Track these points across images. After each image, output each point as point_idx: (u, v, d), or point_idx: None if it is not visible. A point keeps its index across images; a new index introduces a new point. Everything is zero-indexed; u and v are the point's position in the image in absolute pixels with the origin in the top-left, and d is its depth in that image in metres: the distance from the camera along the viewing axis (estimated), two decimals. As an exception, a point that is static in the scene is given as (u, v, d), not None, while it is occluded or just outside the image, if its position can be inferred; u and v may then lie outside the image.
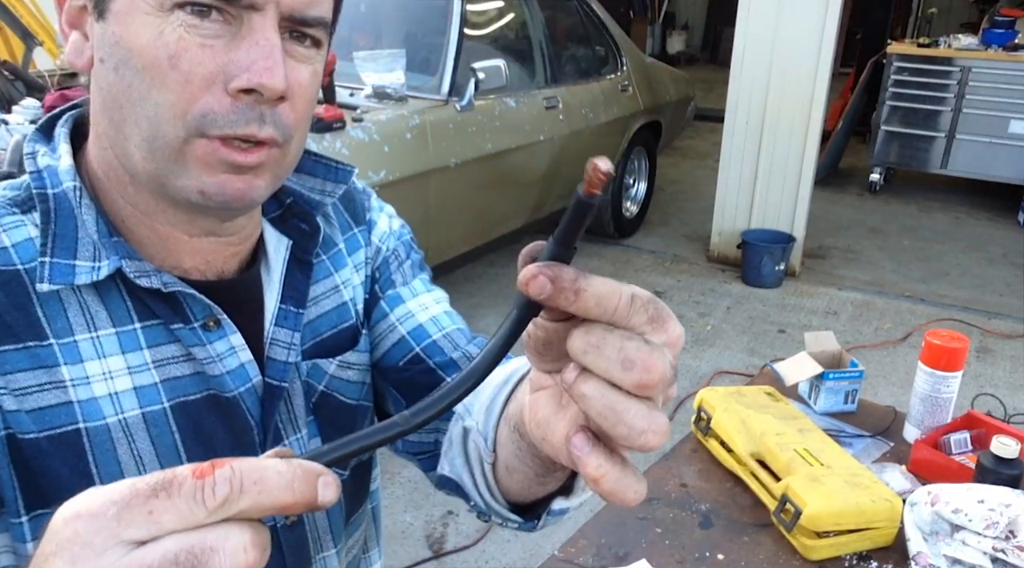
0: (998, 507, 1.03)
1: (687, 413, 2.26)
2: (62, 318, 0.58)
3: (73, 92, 2.84)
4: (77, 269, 0.58)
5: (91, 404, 0.58)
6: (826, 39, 4.11)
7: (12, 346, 0.56)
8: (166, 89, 0.54)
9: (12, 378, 0.56)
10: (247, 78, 0.53)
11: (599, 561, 1.10)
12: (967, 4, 10.24)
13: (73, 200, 0.59)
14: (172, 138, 0.55)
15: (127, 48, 0.54)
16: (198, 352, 0.62)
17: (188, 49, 0.53)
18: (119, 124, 0.57)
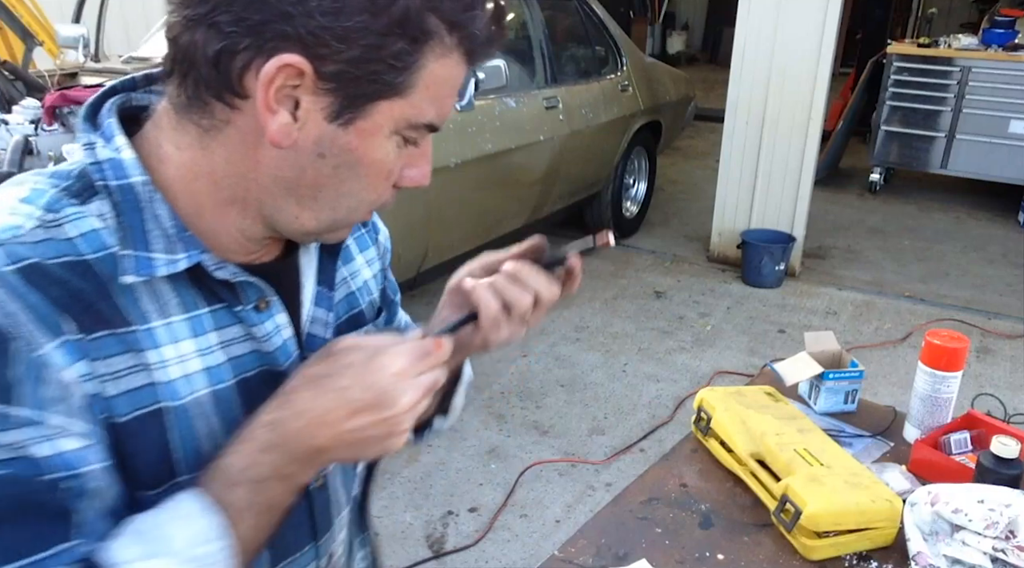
0: (998, 507, 1.03)
1: (687, 413, 2.26)
2: (138, 307, 0.62)
3: (73, 92, 2.84)
4: (155, 262, 0.62)
5: (169, 386, 0.63)
6: (826, 39, 4.11)
7: (106, 331, 0.60)
8: (375, 192, 0.67)
9: (108, 362, 0.60)
10: (420, 181, 0.69)
11: (599, 561, 1.10)
12: (967, 4, 10.23)
13: (143, 194, 0.62)
14: (353, 220, 0.69)
15: (358, 158, 0.63)
16: (257, 331, 0.69)
17: (395, 163, 0.66)
18: (304, 200, 0.65)
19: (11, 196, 0.61)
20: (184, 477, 0.64)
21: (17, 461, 0.55)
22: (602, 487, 2.67)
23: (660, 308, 4.11)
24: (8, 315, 0.55)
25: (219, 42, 0.58)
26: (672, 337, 3.79)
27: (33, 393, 0.55)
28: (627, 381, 3.37)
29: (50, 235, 0.59)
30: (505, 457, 2.80)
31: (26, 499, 0.55)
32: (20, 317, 0.55)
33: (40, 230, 0.59)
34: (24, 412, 0.55)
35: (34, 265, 0.57)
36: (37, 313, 0.56)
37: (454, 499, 2.58)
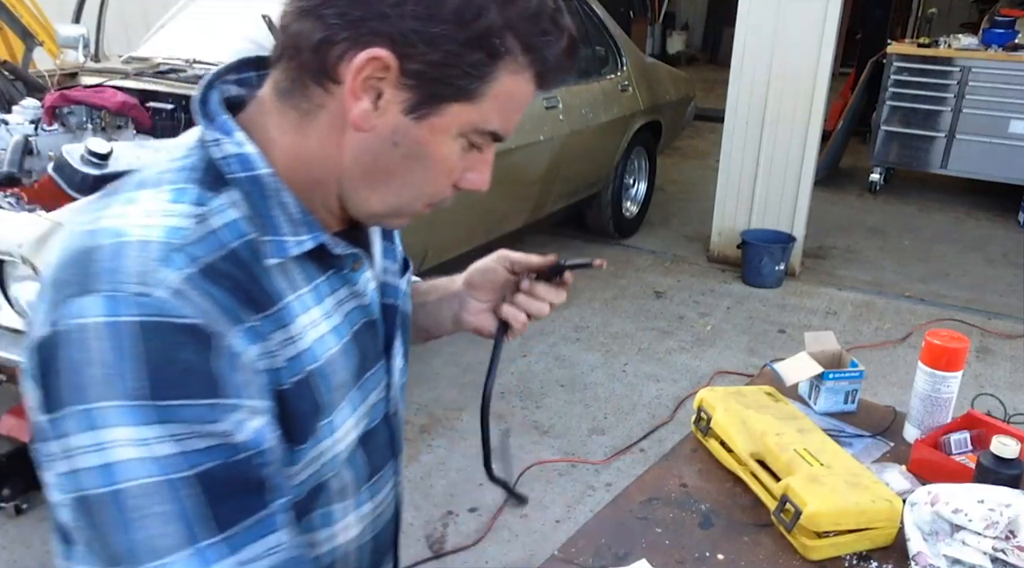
0: (998, 507, 1.03)
1: (687, 413, 2.26)
2: (275, 286, 0.69)
3: (73, 92, 2.84)
4: (287, 244, 0.70)
5: (310, 351, 0.72)
6: (826, 39, 4.11)
7: (263, 314, 0.67)
8: (436, 185, 0.73)
9: (270, 340, 0.67)
10: (479, 186, 0.75)
11: (599, 561, 1.10)
12: (967, 4, 10.23)
13: (269, 184, 0.69)
14: (414, 208, 0.75)
15: (426, 152, 0.70)
16: (358, 288, 0.79)
17: (458, 162, 0.73)
18: (376, 183, 0.72)
19: (157, 199, 0.67)
20: (326, 439, 0.75)
21: (227, 447, 0.62)
22: (602, 487, 2.67)
23: (660, 308, 4.11)
24: (204, 313, 0.62)
25: (322, 32, 0.65)
26: (672, 337, 3.79)
27: (233, 381, 0.63)
28: (627, 381, 3.37)
29: (206, 230, 0.66)
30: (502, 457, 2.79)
31: (236, 478, 0.63)
32: (211, 313, 0.62)
33: (199, 227, 0.66)
34: (230, 401, 0.62)
35: (210, 264, 0.64)
36: (222, 307, 0.63)
37: (454, 499, 2.58)
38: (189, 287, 0.61)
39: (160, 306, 0.60)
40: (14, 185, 2.46)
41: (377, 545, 0.91)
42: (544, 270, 0.93)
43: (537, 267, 0.93)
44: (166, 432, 0.59)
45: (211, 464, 0.61)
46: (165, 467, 0.59)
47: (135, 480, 0.59)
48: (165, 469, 0.59)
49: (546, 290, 0.93)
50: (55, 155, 2.53)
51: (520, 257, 0.94)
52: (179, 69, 3.20)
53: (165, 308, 0.60)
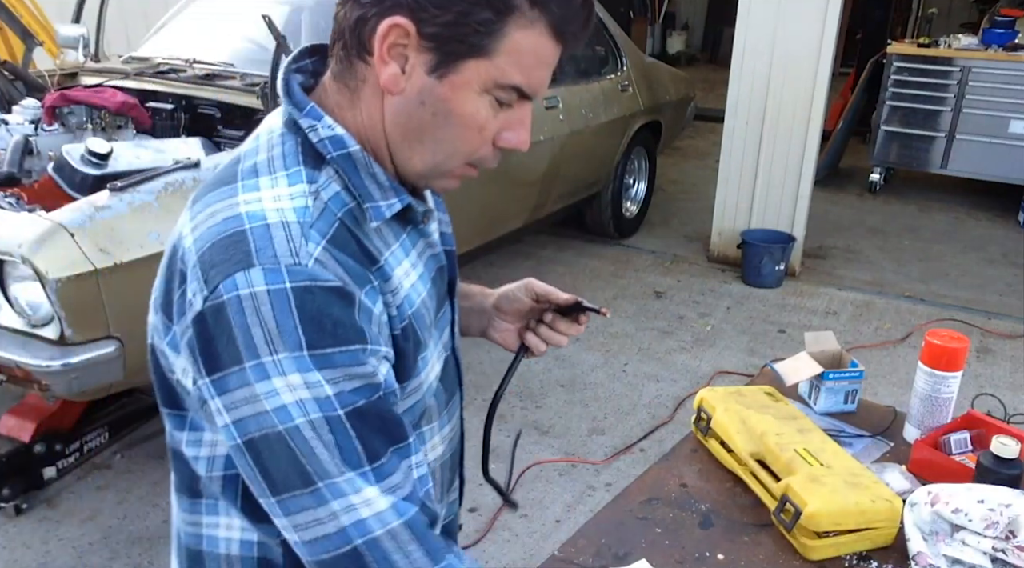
0: (998, 507, 1.03)
1: (687, 413, 2.26)
2: (375, 244, 0.78)
3: (73, 92, 2.84)
4: (381, 208, 0.78)
5: (408, 298, 0.81)
6: (826, 39, 4.11)
7: (375, 271, 0.77)
8: (467, 142, 0.78)
9: (386, 293, 0.77)
10: (514, 144, 0.81)
11: (599, 561, 1.10)
12: (967, 4, 10.22)
13: (360, 159, 0.78)
14: (451, 166, 0.80)
15: (451, 109, 0.75)
16: (431, 240, 0.89)
17: (489, 120, 0.77)
18: (412, 143, 0.78)
19: (278, 184, 0.76)
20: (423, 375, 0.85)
21: (371, 387, 0.72)
22: (602, 487, 2.67)
23: (660, 308, 4.11)
24: (341, 276, 0.72)
25: (358, 11, 0.74)
26: (672, 337, 3.79)
27: (370, 331, 0.73)
28: (627, 381, 3.37)
29: (321, 206, 0.75)
30: (504, 456, 2.80)
31: (380, 414, 0.73)
32: (345, 277, 0.72)
33: (317, 203, 0.75)
34: (370, 346, 0.73)
35: (333, 236, 0.74)
36: (351, 270, 0.73)
37: (454, 499, 2.58)
38: (326, 256, 0.72)
39: (311, 273, 0.70)
40: (14, 185, 2.46)
41: (452, 463, 1.05)
42: (565, 306, 1.03)
43: (559, 302, 1.03)
44: (325, 377, 0.69)
45: (361, 402, 0.71)
46: (326, 406, 0.70)
47: (303, 418, 0.69)
48: (326, 408, 0.70)
49: (566, 326, 1.04)
50: (55, 155, 2.53)
51: (544, 291, 1.03)
52: (179, 69, 3.20)
53: (314, 274, 0.70)
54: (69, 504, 2.54)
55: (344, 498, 0.71)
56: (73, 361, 2.08)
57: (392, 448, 0.74)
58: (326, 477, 0.70)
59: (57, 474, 2.59)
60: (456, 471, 1.10)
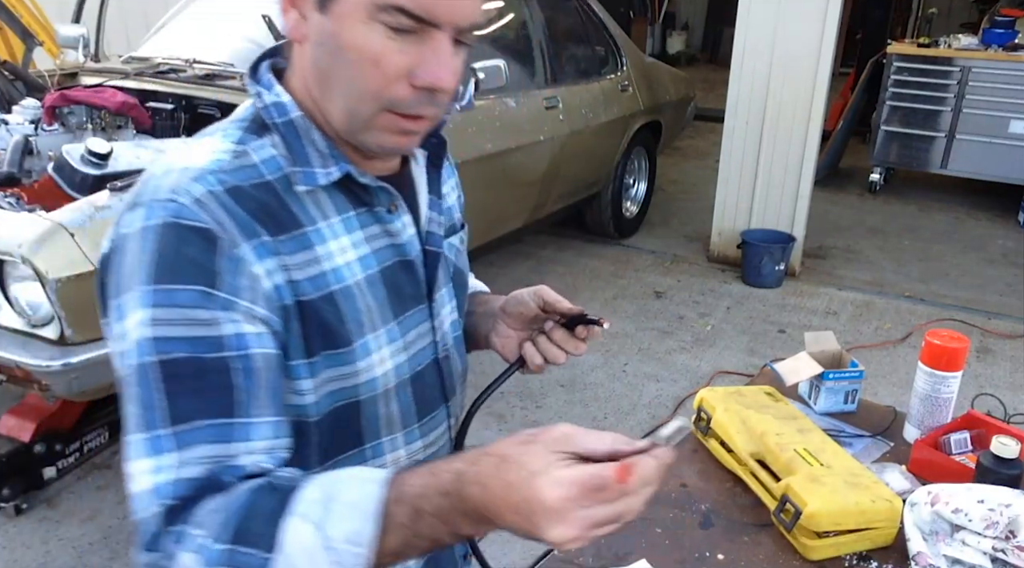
0: (998, 507, 1.03)
1: (687, 413, 2.26)
2: (307, 212, 0.78)
3: (73, 92, 2.84)
4: (317, 174, 0.78)
5: (337, 272, 0.79)
6: (826, 39, 4.11)
7: (287, 234, 0.76)
8: (367, 80, 0.74)
9: (294, 257, 0.76)
10: (430, 81, 0.74)
11: (599, 561, 1.10)
12: (967, 4, 10.22)
13: (301, 126, 0.79)
14: (366, 113, 0.76)
15: (341, 44, 0.73)
16: (391, 228, 0.85)
17: (387, 53, 0.72)
18: (326, 91, 0.77)
19: (210, 142, 0.78)
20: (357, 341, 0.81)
21: (206, 341, 0.69)
22: (602, 487, 2.67)
23: (660, 308, 4.11)
24: (218, 222, 0.71)
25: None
26: (672, 337, 3.79)
27: (231, 280, 0.71)
28: (627, 381, 3.37)
29: (242, 163, 0.76)
30: (505, 457, 2.79)
31: (214, 372, 0.69)
32: (227, 224, 0.71)
33: (236, 160, 0.76)
34: (223, 294, 0.70)
35: (235, 187, 0.74)
36: (238, 221, 0.72)
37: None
38: (211, 200, 0.72)
39: (179, 210, 0.70)
40: (14, 185, 2.46)
41: None
42: (569, 316, 0.96)
43: (564, 312, 0.96)
44: (157, 315, 0.68)
45: (181, 354, 0.68)
46: (144, 350, 0.68)
47: (132, 361, 0.69)
48: (144, 351, 0.68)
49: (564, 338, 0.96)
50: (55, 155, 2.53)
51: (552, 299, 0.97)
52: (179, 69, 3.20)
53: (183, 212, 0.70)
54: (69, 504, 2.54)
55: (128, 462, 0.69)
56: (73, 361, 2.08)
57: (210, 420, 0.68)
58: (128, 431, 0.69)
59: (57, 474, 2.59)
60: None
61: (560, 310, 0.96)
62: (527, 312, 0.98)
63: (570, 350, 0.96)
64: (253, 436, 0.70)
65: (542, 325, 0.98)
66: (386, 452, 0.88)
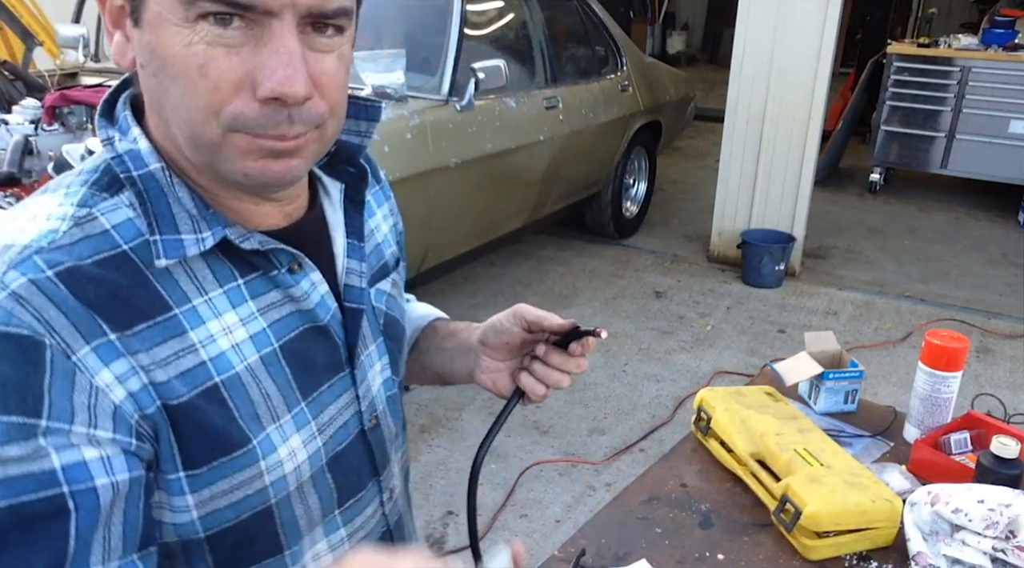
0: (998, 507, 1.03)
1: (687, 413, 2.26)
2: (177, 289, 0.63)
3: (73, 92, 2.84)
4: (184, 242, 0.63)
5: (220, 359, 0.64)
6: (826, 39, 4.11)
7: (146, 324, 0.61)
8: (198, 95, 0.58)
9: (154, 352, 0.61)
10: (271, 88, 0.57)
11: (599, 561, 1.10)
12: (967, 4, 10.23)
13: (163, 180, 0.63)
14: (211, 136, 0.60)
15: (160, 57, 0.59)
16: (294, 292, 0.70)
17: (215, 58, 0.57)
18: (166, 122, 0.62)
19: (48, 203, 0.62)
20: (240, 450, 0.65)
21: (28, 478, 0.54)
22: (602, 487, 2.67)
23: (660, 308, 4.11)
24: (44, 322, 0.56)
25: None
26: (672, 337, 3.79)
27: (61, 403, 0.55)
28: (627, 381, 3.37)
29: (85, 232, 0.61)
30: (505, 457, 2.80)
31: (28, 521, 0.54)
32: (57, 323, 0.56)
33: (76, 229, 0.60)
34: (46, 422, 0.55)
35: (70, 269, 0.58)
36: (74, 317, 0.57)
37: (454, 499, 2.58)
38: (33, 292, 0.56)
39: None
40: (14, 185, 2.46)
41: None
42: (561, 333, 0.84)
43: (553, 329, 0.83)
44: None
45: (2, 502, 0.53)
46: None
47: None
48: None
49: (562, 360, 0.84)
50: (55, 155, 2.53)
51: (536, 317, 0.83)
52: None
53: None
54: (69, 504, 2.54)
55: None
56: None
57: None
58: None
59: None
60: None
61: (548, 328, 0.83)
62: (512, 340, 0.85)
63: (571, 370, 0.84)
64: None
65: (532, 349, 0.86)
66: (303, 554, 0.74)
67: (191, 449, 0.63)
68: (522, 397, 0.87)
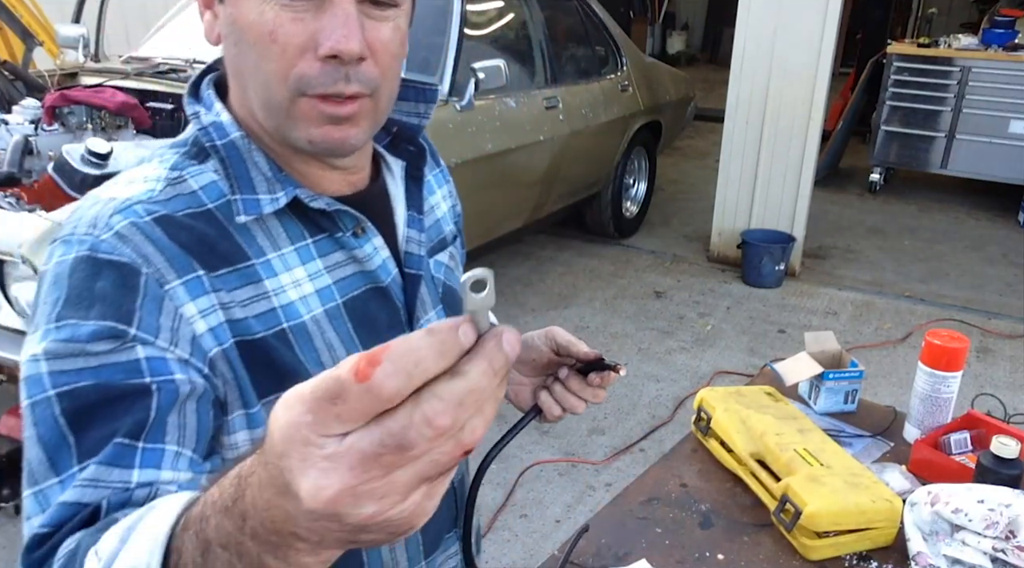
0: (998, 507, 1.03)
1: (687, 413, 2.26)
2: (254, 243, 0.71)
3: (73, 92, 2.84)
4: (261, 201, 0.71)
5: (289, 307, 0.72)
6: (826, 39, 4.11)
7: (227, 268, 0.69)
8: (269, 59, 0.67)
9: (234, 293, 0.69)
10: (328, 46, 0.65)
11: (599, 561, 1.10)
12: (967, 4, 10.22)
13: (242, 146, 0.72)
14: (281, 99, 0.68)
15: (240, 27, 0.67)
16: (358, 254, 0.77)
17: (283, 24, 0.65)
18: (244, 90, 0.71)
19: (144, 171, 0.72)
20: None
21: (115, 367, 0.61)
22: (602, 487, 2.67)
23: (660, 308, 4.11)
24: (143, 256, 0.65)
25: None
26: (672, 337, 3.79)
27: (151, 320, 0.63)
28: (627, 381, 3.37)
29: (177, 191, 0.70)
30: (505, 457, 2.80)
31: (111, 400, 0.60)
32: (153, 258, 0.65)
33: (169, 188, 0.70)
34: (134, 330, 0.62)
35: (166, 216, 0.68)
36: (168, 254, 0.66)
37: (454, 499, 2.58)
38: (134, 233, 0.65)
39: (95, 244, 0.64)
40: (14, 185, 2.46)
41: (429, 523, 0.85)
42: (585, 362, 0.89)
43: (579, 356, 0.89)
44: (58, 349, 0.61)
45: (85, 382, 0.60)
46: (38, 386, 0.61)
47: (30, 400, 0.61)
48: (42, 388, 0.60)
49: (581, 387, 0.89)
50: (55, 155, 2.53)
51: (566, 342, 0.90)
52: (179, 69, 3.20)
53: (100, 246, 0.64)
54: (69, 504, 2.54)
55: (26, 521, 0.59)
56: (73, 361, 2.08)
57: (113, 441, 0.59)
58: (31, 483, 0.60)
59: (57, 474, 2.58)
60: (446, 531, 0.93)
61: (575, 354, 0.89)
62: (540, 359, 0.91)
63: (588, 398, 0.89)
64: (163, 464, 0.60)
65: (556, 371, 0.91)
66: None
67: (260, 381, 0.69)
68: (539, 414, 0.91)
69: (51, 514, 0.57)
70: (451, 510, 0.94)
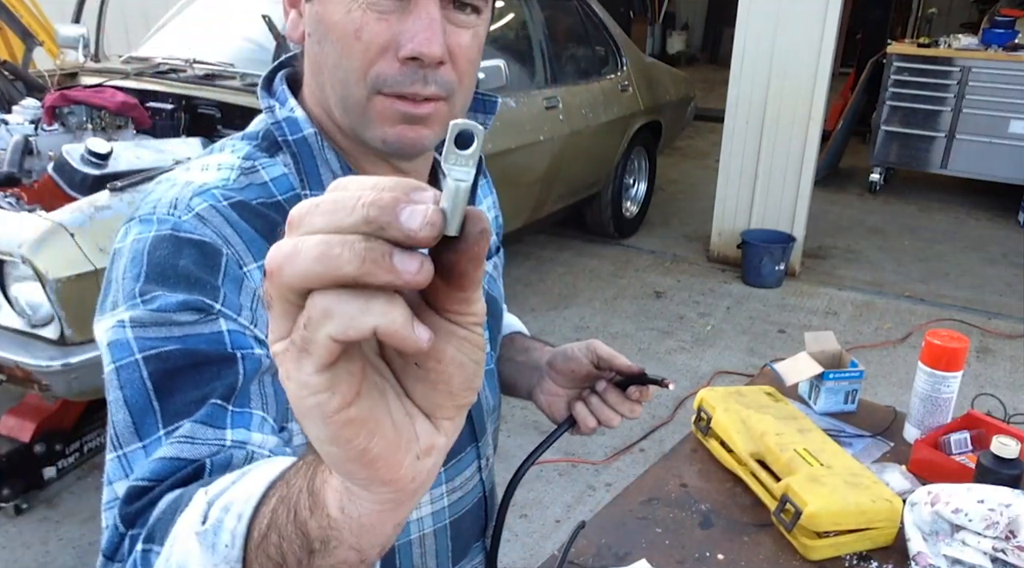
0: (998, 507, 1.03)
1: (687, 413, 2.26)
2: None
3: (73, 92, 2.84)
4: None
5: None
6: (826, 39, 4.11)
7: None
8: (352, 57, 0.68)
9: None
10: (410, 48, 0.66)
11: (599, 561, 1.10)
12: (967, 4, 10.22)
13: (315, 143, 0.75)
14: (359, 97, 0.69)
15: (326, 24, 0.69)
16: None
17: (368, 23, 0.67)
18: (323, 86, 0.72)
19: (218, 158, 0.74)
20: None
21: (199, 336, 0.62)
22: (602, 487, 2.67)
23: (660, 308, 4.10)
24: (223, 237, 0.67)
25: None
26: (672, 337, 3.79)
27: (232, 298, 0.65)
28: (627, 381, 3.37)
29: (250, 180, 0.72)
30: (505, 457, 2.79)
31: (198, 364, 0.61)
32: (232, 240, 0.67)
33: (243, 177, 0.72)
34: (216, 305, 0.64)
35: (242, 202, 0.70)
36: (246, 237, 0.68)
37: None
38: (214, 214, 0.67)
39: (177, 224, 0.66)
40: (14, 185, 2.46)
41: (459, 531, 0.90)
42: (626, 375, 0.87)
43: (621, 370, 0.88)
44: (143, 317, 0.62)
45: (171, 347, 0.61)
46: (125, 351, 0.61)
47: (115, 364, 0.62)
48: (127, 353, 0.61)
49: (619, 400, 0.88)
50: (55, 155, 2.53)
51: (608, 355, 0.89)
52: (179, 69, 3.20)
53: (181, 226, 0.66)
54: (69, 504, 2.54)
55: (110, 485, 0.60)
56: (73, 361, 2.08)
57: (204, 402, 0.60)
58: (116, 446, 0.61)
59: (57, 474, 2.58)
60: (473, 542, 0.94)
61: (617, 367, 0.88)
62: (579, 370, 0.90)
63: (624, 413, 0.88)
64: (252, 426, 0.61)
65: (593, 383, 0.90)
66: None
67: None
68: (573, 425, 0.90)
69: (150, 468, 0.57)
70: (480, 520, 0.94)
